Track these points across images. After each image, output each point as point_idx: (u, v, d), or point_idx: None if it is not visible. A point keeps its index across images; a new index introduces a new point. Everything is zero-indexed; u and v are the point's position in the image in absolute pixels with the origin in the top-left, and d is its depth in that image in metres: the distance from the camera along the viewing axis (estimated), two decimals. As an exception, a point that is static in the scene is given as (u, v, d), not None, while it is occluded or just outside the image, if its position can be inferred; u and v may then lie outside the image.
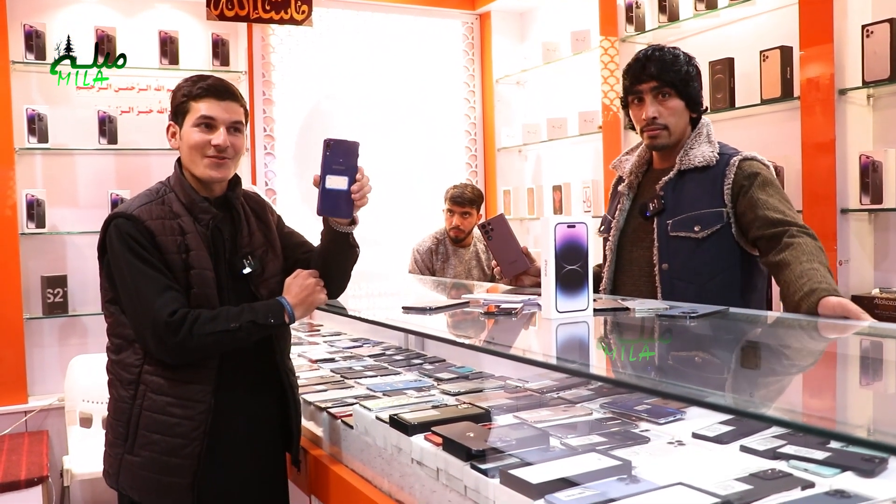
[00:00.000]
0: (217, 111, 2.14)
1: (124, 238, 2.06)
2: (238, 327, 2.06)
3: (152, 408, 2.08)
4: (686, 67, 2.34)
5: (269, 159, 5.02)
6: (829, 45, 3.22)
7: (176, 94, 2.18)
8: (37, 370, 4.42)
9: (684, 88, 2.34)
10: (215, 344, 2.06)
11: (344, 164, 2.09)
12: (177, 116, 2.18)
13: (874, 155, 3.14)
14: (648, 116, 2.34)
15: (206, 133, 2.13)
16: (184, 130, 2.16)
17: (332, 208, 2.12)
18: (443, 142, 5.56)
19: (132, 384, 2.10)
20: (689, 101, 2.36)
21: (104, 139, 4.49)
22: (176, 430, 2.07)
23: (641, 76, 2.35)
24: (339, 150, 2.10)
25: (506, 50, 5.55)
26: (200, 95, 2.14)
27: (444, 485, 1.74)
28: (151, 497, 2.10)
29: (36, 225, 4.31)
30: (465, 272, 4.50)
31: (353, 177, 2.11)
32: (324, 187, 2.10)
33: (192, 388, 2.09)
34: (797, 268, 2.00)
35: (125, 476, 2.11)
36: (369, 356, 3.20)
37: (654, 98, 2.34)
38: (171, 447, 2.07)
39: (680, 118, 2.36)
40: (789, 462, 1.54)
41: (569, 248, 1.83)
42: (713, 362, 1.62)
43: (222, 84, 2.18)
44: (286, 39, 5.07)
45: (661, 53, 2.36)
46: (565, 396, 2.20)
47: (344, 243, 2.23)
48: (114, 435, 2.14)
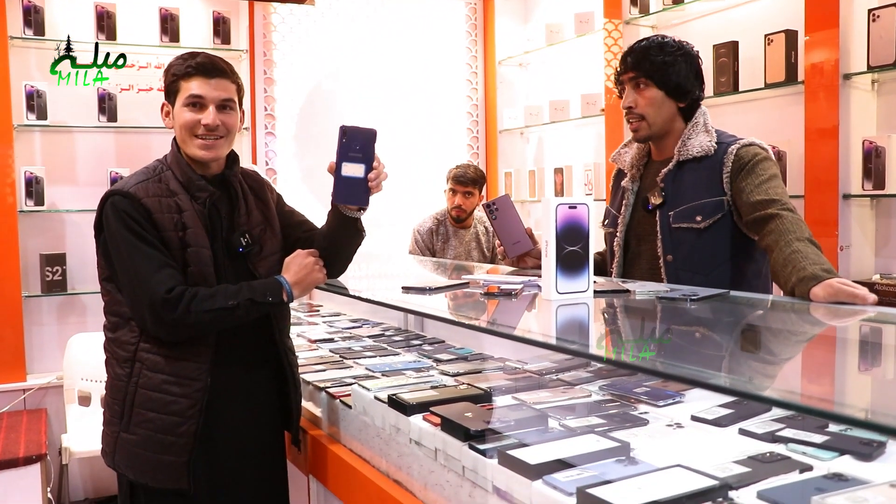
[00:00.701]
0: (206, 90, 2.12)
1: (121, 215, 2.04)
2: (236, 305, 2.05)
3: (148, 385, 2.08)
4: (665, 57, 2.31)
5: (269, 139, 5.00)
6: (834, 30, 3.19)
7: (167, 74, 2.17)
8: (35, 348, 4.41)
9: (661, 77, 2.31)
10: (213, 322, 2.06)
11: (360, 152, 2.07)
12: (169, 95, 2.17)
13: (877, 140, 3.13)
14: (624, 106, 2.38)
15: (196, 112, 2.12)
16: (175, 110, 2.15)
17: (348, 196, 2.10)
18: (444, 123, 5.54)
19: (128, 362, 2.10)
20: (670, 91, 2.33)
21: (104, 117, 4.47)
22: (172, 407, 2.07)
23: (622, 67, 2.38)
24: (356, 138, 2.06)
25: (509, 31, 5.52)
26: (190, 74, 2.12)
27: (442, 465, 1.74)
28: (147, 475, 2.09)
29: (35, 203, 4.30)
30: (464, 253, 4.50)
31: (370, 164, 2.08)
32: (339, 174, 2.07)
33: (188, 365, 2.09)
34: (779, 255, 1.99)
35: (121, 454, 2.11)
36: (368, 336, 3.20)
37: (632, 88, 2.36)
38: (167, 425, 2.07)
39: (659, 108, 2.34)
40: (788, 445, 1.54)
41: (570, 229, 1.83)
42: (712, 344, 1.61)
43: (211, 61, 2.14)
44: (288, 18, 5.04)
45: (644, 43, 2.37)
46: (564, 378, 2.20)
47: (351, 228, 2.22)
48: (110, 413, 2.14)
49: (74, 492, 4.41)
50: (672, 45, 2.35)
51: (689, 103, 2.36)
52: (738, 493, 1.34)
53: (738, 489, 1.35)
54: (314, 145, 5.10)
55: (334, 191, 2.10)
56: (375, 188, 2.12)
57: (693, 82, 2.36)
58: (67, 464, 3.92)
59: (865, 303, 1.75)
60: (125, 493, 2.18)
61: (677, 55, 2.33)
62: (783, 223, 2.05)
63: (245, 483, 2.25)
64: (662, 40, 2.36)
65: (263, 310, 2.14)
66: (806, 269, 1.88)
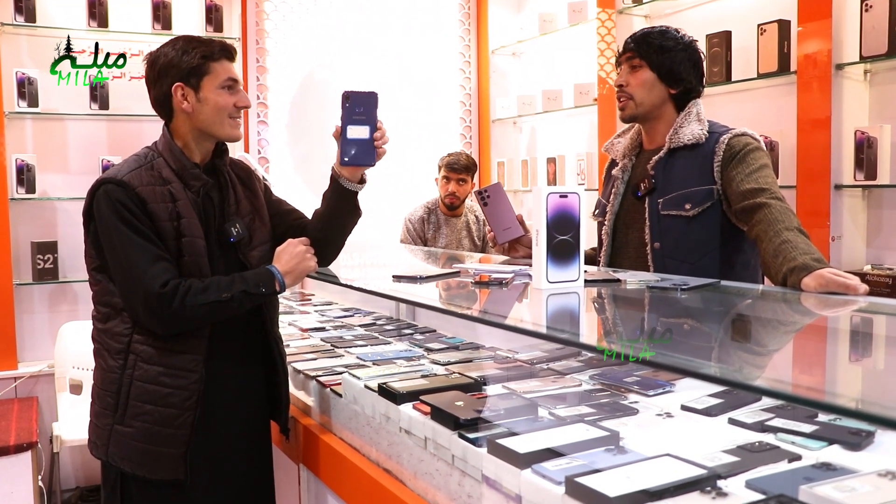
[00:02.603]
0: (235, 72, 2.17)
1: (114, 205, 2.02)
2: (230, 297, 2.04)
3: (144, 378, 2.06)
4: (664, 42, 2.35)
5: (262, 127, 4.98)
6: (827, 20, 3.19)
7: (186, 55, 2.10)
8: (27, 336, 4.40)
9: (656, 60, 2.34)
10: (208, 314, 2.05)
11: (364, 114, 2.15)
12: (189, 77, 2.11)
13: (869, 131, 3.13)
14: (615, 83, 2.42)
15: (232, 95, 2.14)
16: (205, 93, 2.12)
17: (356, 157, 2.15)
18: (437, 112, 5.52)
19: (121, 353, 2.08)
20: (663, 75, 2.35)
21: (95, 104, 4.44)
22: (168, 399, 2.06)
23: (623, 48, 2.42)
24: (359, 101, 2.14)
25: (502, 20, 5.50)
26: (220, 56, 2.13)
27: (432, 454, 1.74)
28: (144, 468, 2.08)
29: (26, 190, 4.28)
30: (456, 241, 4.50)
31: (374, 125, 2.15)
32: (345, 137, 2.14)
33: (183, 357, 2.08)
34: (769, 245, 1.99)
35: (116, 447, 2.09)
36: (360, 325, 3.20)
37: (627, 68, 2.39)
38: (164, 417, 2.06)
39: (650, 91, 2.36)
40: (777, 435, 1.54)
41: (561, 218, 1.82)
42: (703, 334, 1.61)
43: (230, 45, 2.20)
44: (280, 6, 5.01)
45: (648, 29, 2.41)
46: (555, 367, 2.20)
47: (350, 202, 2.23)
48: (101, 405, 2.12)
49: (66, 480, 4.40)
50: (674, 34, 2.39)
51: (682, 92, 2.37)
52: (727, 483, 1.34)
53: (727, 478, 1.35)
54: (307, 134, 5.08)
55: (341, 153, 2.16)
56: (381, 148, 2.17)
57: (688, 71, 2.37)
58: (59, 452, 3.92)
59: (857, 293, 1.75)
60: (112, 485, 2.15)
61: (677, 43, 2.36)
62: (772, 212, 2.05)
63: (234, 472, 2.25)
64: (667, 29, 2.40)
65: (257, 301, 2.13)
66: (797, 259, 1.87)
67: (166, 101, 2.14)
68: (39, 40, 4.23)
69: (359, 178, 2.21)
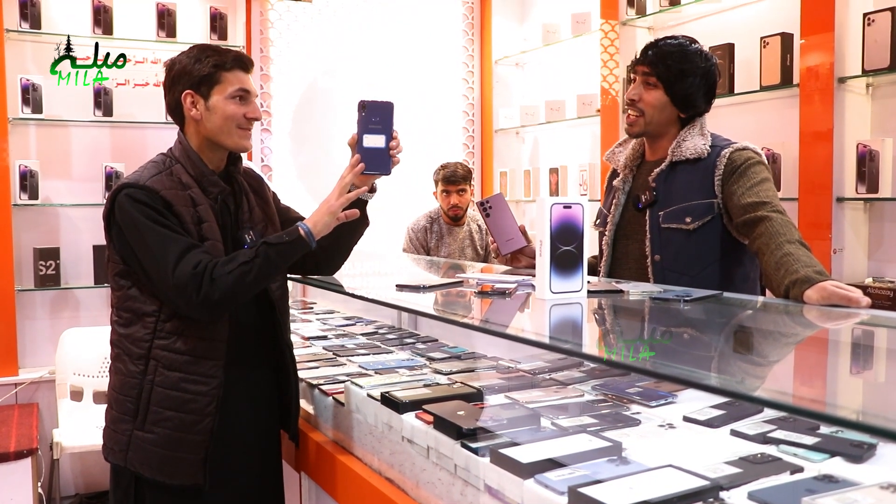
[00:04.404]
0: (248, 83, 2.18)
1: (139, 206, 2.01)
2: (254, 256, 2.01)
3: (165, 384, 2.06)
4: (684, 66, 2.30)
5: (265, 135, 4.99)
6: (829, 33, 3.20)
7: (199, 63, 2.12)
8: (28, 342, 4.40)
9: (672, 85, 2.31)
10: (238, 282, 1.98)
11: (380, 123, 2.16)
12: (201, 86, 2.12)
13: (871, 144, 3.14)
14: (628, 97, 2.38)
15: (242, 105, 2.15)
16: (214, 101, 2.12)
17: (372, 165, 2.15)
18: (440, 122, 5.53)
19: (142, 359, 2.07)
20: (676, 100, 2.33)
21: (99, 111, 4.45)
22: (189, 405, 2.06)
23: (641, 57, 2.37)
24: (375, 110, 2.16)
25: (505, 31, 5.52)
26: (232, 66, 2.14)
27: (434, 463, 1.74)
28: (163, 473, 2.07)
29: (29, 196, 4.28)
30: (458, 251, 4.51)
31: (390, 134, 2.17)
32: (362, 146, 2.14)
33: (204, 363, 2.07)
34: (771, 258, 1.98)
35: (136, 453, 2.08)
36: (362, 334, 3.20)
37: (642, 83, 2.36)
38: (185, 423, 2.06)
39: (660, 112, 2.34)
40: (779, 447, 1.54)
41: (564, 228, 1.83)
42: (705, 345, 1.61)
43: (246, 55, 2.21)
44: (285, 15, 5.03)
45: (670, 45, 2.34)
46: (557, 378, 2.20)
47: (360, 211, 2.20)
48: (121, 411, 2.10)
49: (65, 487, 4.39)
50: (695, 54, 2.33)
51: (691, 115, 2.37)
52: (729, 494, 1.34)
53: (730, 490, 1.35)
54: (310, 142, 5.09)
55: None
56: (395, 157, 2.18)
57: (701, 99, 2.35)
58: (59, 458, 3.91)
59: (859, 305, 1.75)
60: (125, 489, 2.14)
61: (697, 68, 2.32)
62: (773, 225, 2.05)
63: (247, 479, 2.25)
64: (689, 47, 2.34)
65: (284, 254, 2.05)
66: (798, 271, 1.87)
67: (178, 107, 2.16)
68: (44, 47, 4.24)
69: (370, 187, 2.21)
